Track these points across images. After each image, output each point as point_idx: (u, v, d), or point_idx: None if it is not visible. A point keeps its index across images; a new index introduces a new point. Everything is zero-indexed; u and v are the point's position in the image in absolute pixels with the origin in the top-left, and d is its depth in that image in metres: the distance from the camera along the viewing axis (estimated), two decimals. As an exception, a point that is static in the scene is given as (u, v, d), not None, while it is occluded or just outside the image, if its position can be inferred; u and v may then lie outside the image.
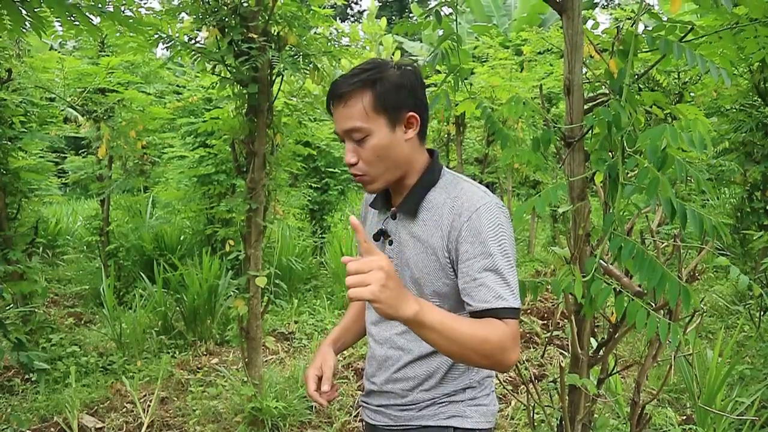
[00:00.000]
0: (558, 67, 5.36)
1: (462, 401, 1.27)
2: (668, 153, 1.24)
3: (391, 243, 1.31)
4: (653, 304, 1.56)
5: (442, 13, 1.58)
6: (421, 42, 15.60)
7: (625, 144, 1.34)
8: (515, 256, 1.20)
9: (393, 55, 7.61)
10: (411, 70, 1.25)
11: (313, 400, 1.33)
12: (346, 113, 1.20)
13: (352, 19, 35.21)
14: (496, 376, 3.38)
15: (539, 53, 5.60)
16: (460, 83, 1.61)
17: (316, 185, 6.87)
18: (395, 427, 1.32)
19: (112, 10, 2.03)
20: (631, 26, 1.48)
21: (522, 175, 7.52)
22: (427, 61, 1.57)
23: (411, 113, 1.23)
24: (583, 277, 1.40)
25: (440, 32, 1.59)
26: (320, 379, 1.34)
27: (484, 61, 5.95)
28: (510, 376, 3.72)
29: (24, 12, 1.94)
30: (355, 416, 3.25)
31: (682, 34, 1.51)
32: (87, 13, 1.97)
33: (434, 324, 1.05)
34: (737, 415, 2.62)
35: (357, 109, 1.19)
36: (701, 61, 1.30)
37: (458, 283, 1.20)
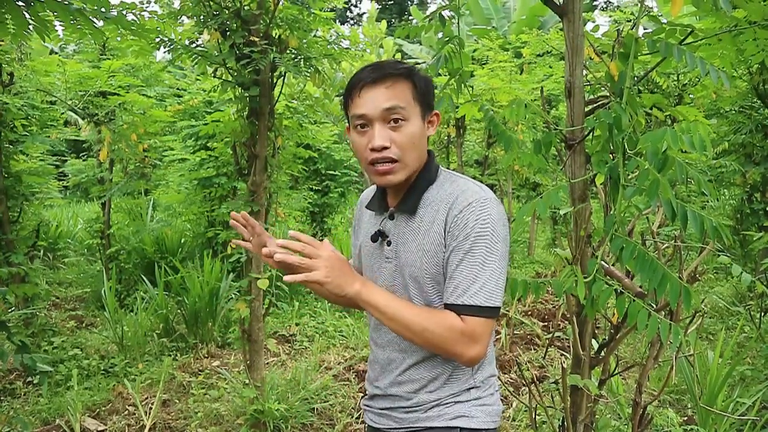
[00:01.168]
0: (557, 69, 5.37)
1: (467, 401, 1.28)
2: (669, 155, 1.25)
3: (389, 244, 1.32)
4: (654, 305, 1.57)
5: (443, 17, 1.59)
6: (421, 45, 15.62)
7: (626, 146, 1.35)
8: (505, 253, 1.20)
9: (393, 57, 7.63)
10: (426, 75, 1.30)
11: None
12: (389, 94, 1.21)
13: (351, 21, 35.26)
14: (498, 377, 3.39)
15: (538, 55, 5.61)
16: (462, 86, 1.62)
17: (316, 188, 6.88)
18: (400, 430, 1.32)
19: (116, 14, 2.04)
20: (631, 29, 1.49)
21: (522, 177, 7.53)
22: (430, 64, 1.58)
23: (436, 112, 1.31)
24: (585, 278, 1.41)
25: (439, 35, 1.59)
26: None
27: (484, 64, 5.96)
28: (511, 378, 3.73)
29: (27, 16, 1.95)
30: (356, 418, 3.25)
31: (682, 37, 1.52)
32: (91, 17, 1.98)
33: (378, 304, 1.17)
34: (738, 416, 2.62)
35: (402, 92, 1.22)
36: (701, 63, 1.31)
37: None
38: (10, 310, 3.85)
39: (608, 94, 1.56)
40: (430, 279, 1.24)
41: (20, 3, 1.86)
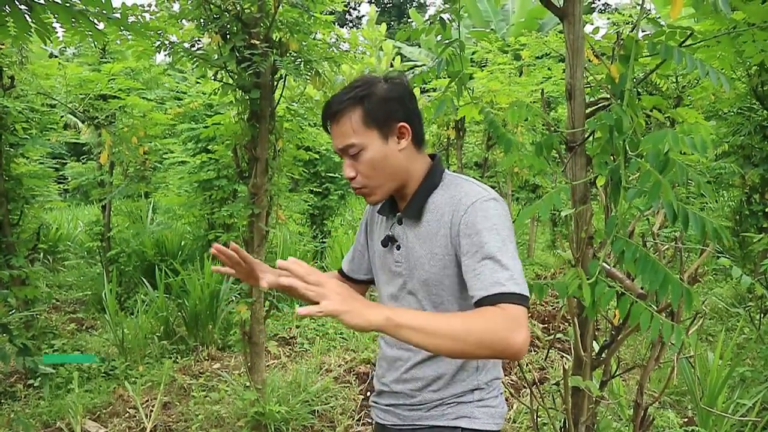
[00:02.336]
0: (556, 71, 5.38)
1: (470, 402, 1.29)
2: (669, 157, 1.26)
3: (399, 248, 1.33)
4: (655, 307, 1.57)
5: (441, 19, 1.60)
6: (420, 47, 15.65)
7: (627, 148, 1.36)
8: (515, 245, 1.19)
9: (393, 59, 7.64)
10: (399, 82, 1.29)
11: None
12: (339, 131, 1.25)
13: (350, 24, 35.30)
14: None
15: (537, 58, 5.63)
16: (462, 89, 1.63)
17: (316, 190, 6.88)
18: (404, 427, 1.34)
19: (119, 17, 2.05)
20: (631, 31, 1.50)
21: (522, 179, 7.54)
22: (431, 67, 1.59)
23: (401, 124, 1.26)
24: (588, 280, 1.42)
25: (438, 38, 1.60)
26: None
27: (483, 66, 5.98)
28: (512, 380, 3.73)
29: (29, 18, 1.96)
30: (357, 420, 3.25)
31: (682, 39, 1.53)
32: (92, 19, 1.98)
33: (413, 324, 1.02)
34: (739, 417, 2.62)
35: (348, 127, 1.24)
36: (701, 65, 1.32)
37: (463, 275, 1.19)
38: (10, 313, 3.84)
39: (608, 96, 1.57)
40: (439, 283, 1.26)
41: (22, 6, 1.86)
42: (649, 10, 6.70)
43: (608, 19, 5.19)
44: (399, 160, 1.28)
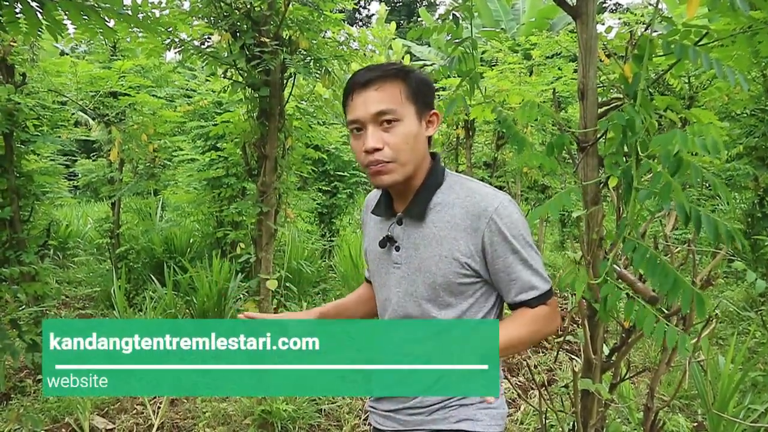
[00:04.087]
0: (566, 71, 5.35)
1: (472, 404, 1.27)
2: (683, 158, 1.23)
3: (398, 249, 1.30)
4: (667, 310, 1.55)
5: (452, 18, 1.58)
6: (429, 46, 15.61)
7: (639, 149, 1.34)
8: (534, 242, 1.28)
9: (402, 58, 7.63)
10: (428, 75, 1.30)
11: None
12: (377, 96, 1.21)
13: (360, 23, 35.31)
14: (507, 380, 3.37)
15: (548, 57, 5.59)
16: (474, 88, 1.61)
17: (325, 189, 6.89)
18: None
19: (130, 13, 2.05)
20: (645, 30, 1.48)
21: (531, 179, 7.50)
22: (443, 65, 1.58)
23: (434, 111, 1.28)
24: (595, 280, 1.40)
25: (448, 37, 1.59)
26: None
27: (493, 66, 5.95)
28: (519, 381, 3.71)
29: (40, 15, 1.96)
30: (364, 420, 3.25)
31: (697, 39, 1.50)
32: (103, 16, 1.98)
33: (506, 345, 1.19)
34: (751, 423, 2.59)
35: (391, 93, 1.21)
36: (717, 65, 1.29)
37: (493, 280, 1.27)
38: (20, 309, 3.87)
39: (621, 96, 1.55)
40: (447, 285, 1.24)
41: (34, 3, 1.87)
42: (662, 9, 6.64)
43: (619, 18, 5.15)
44: (424, 145, 1.28)
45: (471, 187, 1.27)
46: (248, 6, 2.76)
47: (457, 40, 1.55)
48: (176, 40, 2.79)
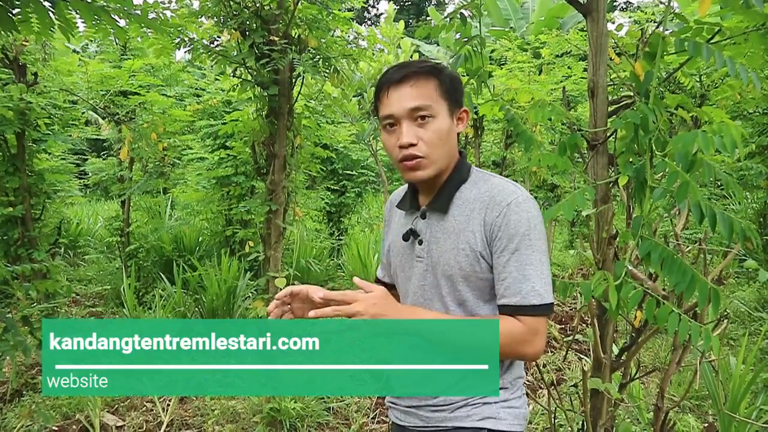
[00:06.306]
0: (576, 69, 5.32)
1: (495, 403, 1.26)
2: (697, 156, 1.22)
3: (420, 243, 1.31)
4: (677, 309, 1.54)
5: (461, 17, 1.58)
6: (438, 45, 15.58)
7: (653, 147, 1.32)
8: (546, 249, 1.22)
9: (411, 57, 7.61)
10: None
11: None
12: (413, 93, 1.22)
13: (369, 22, 35.31)
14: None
15: (557, 56, 5.56)
16: (482, 86, 1.61)
17: (333, 187, 6.89)
18: (426, 429, 1.31)
19: (140, 13, 2.06)
20: (657, 28, 1.47)
21: (540, 178, 7.47)
22: (449, 63, 1.57)
23: (464, 109, 1.30)
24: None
25: (458, 35, 1.58)
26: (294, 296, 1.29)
27: (503, 64, 5.93)
28: (528, 380, 3.70)
29: (52, 15, 1.98)
30: (372, 418, 3.25)
31: (709, 36, 1.49)
32: (114, 16, 2.00)
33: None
34: (763, 424, 2.57)
35: (426, 90, 1.23)
36: (730, 63, 1.28)
37: (492, 276, 1.24)
38: (32, 306, 3.90)
39: (631, 94, 1.54)
40: (464, 278, 1.24)
41: (46, 3, 1.88)
42: (673, 7, 6.59)
43: (630, 17, 5.11)
44: (454, 142, 1.29)
45: (494, 182, 1.27)
46: (257, 5, 2.76)
47: (465, 39, 1.55)
48: (186, 39, 2.80)
